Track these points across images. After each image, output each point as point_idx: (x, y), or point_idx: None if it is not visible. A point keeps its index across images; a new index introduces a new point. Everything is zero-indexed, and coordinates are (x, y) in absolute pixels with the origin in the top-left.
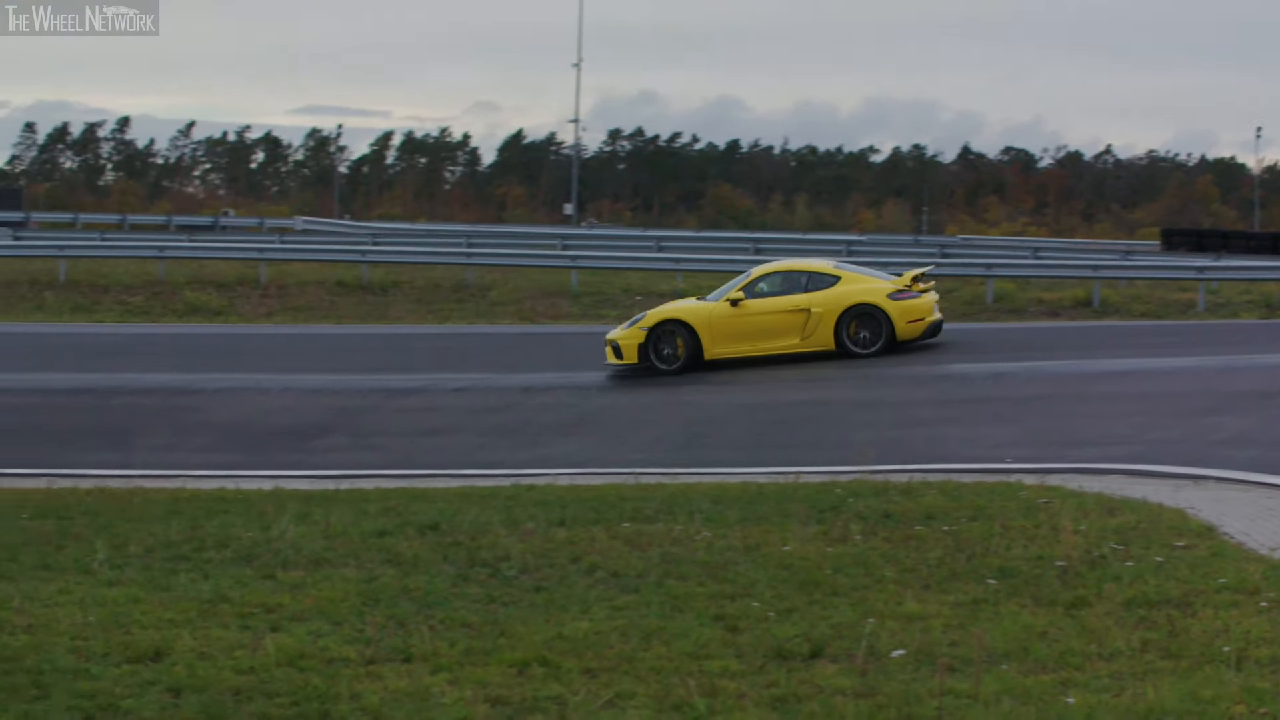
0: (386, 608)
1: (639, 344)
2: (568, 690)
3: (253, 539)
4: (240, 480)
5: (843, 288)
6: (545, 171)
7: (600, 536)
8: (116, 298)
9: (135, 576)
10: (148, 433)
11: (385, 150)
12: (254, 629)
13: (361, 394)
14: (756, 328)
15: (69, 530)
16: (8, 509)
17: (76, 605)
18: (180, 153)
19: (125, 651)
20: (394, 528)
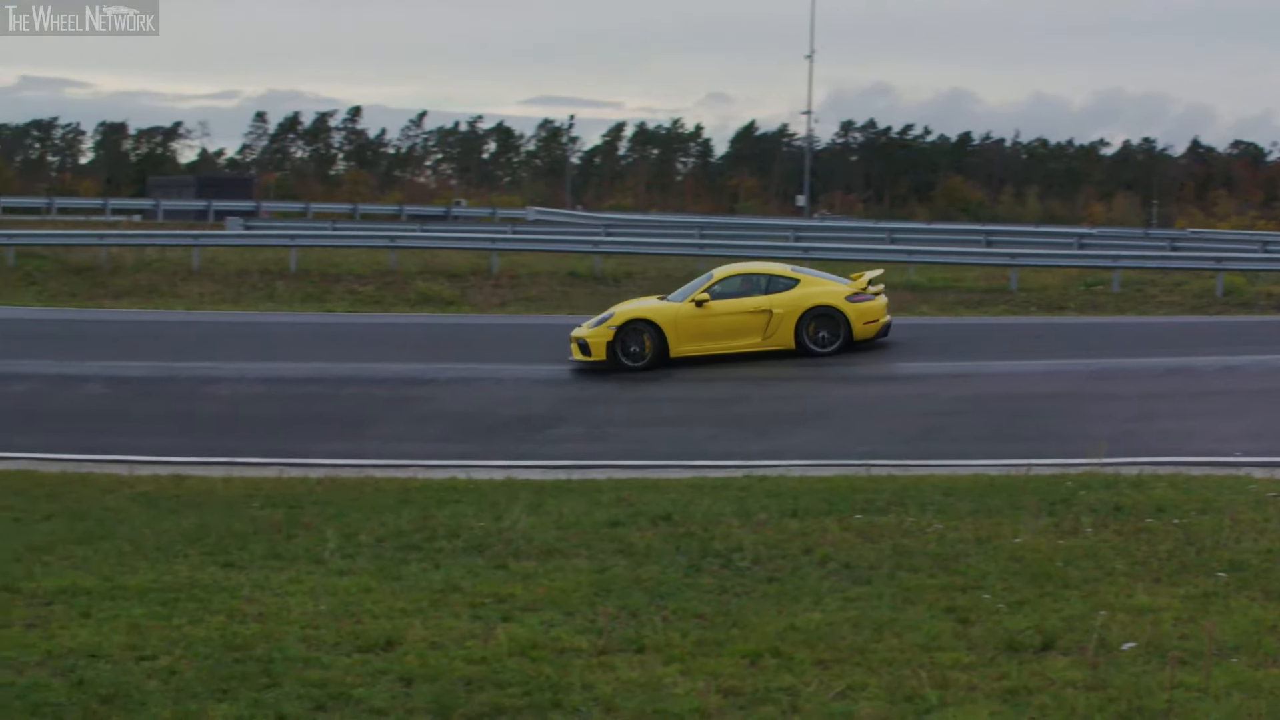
0: (619, 598)
1: (608, 342)
2: (800, 681)
3: (485, 529)
4: (472, 470)
5: (802, 290)
6: (777, 163)
7: (832, 528)
8: (347, 287)
9: (366, 566)
10: (379, 422)
11: (617, 141)
12: (486, 619)
13: (593, 384)
14: (720, 327)
15: (299, 519)
16: (239, 498)
17: (307, 594)
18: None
19: (356, 641)
20: (626, 518)
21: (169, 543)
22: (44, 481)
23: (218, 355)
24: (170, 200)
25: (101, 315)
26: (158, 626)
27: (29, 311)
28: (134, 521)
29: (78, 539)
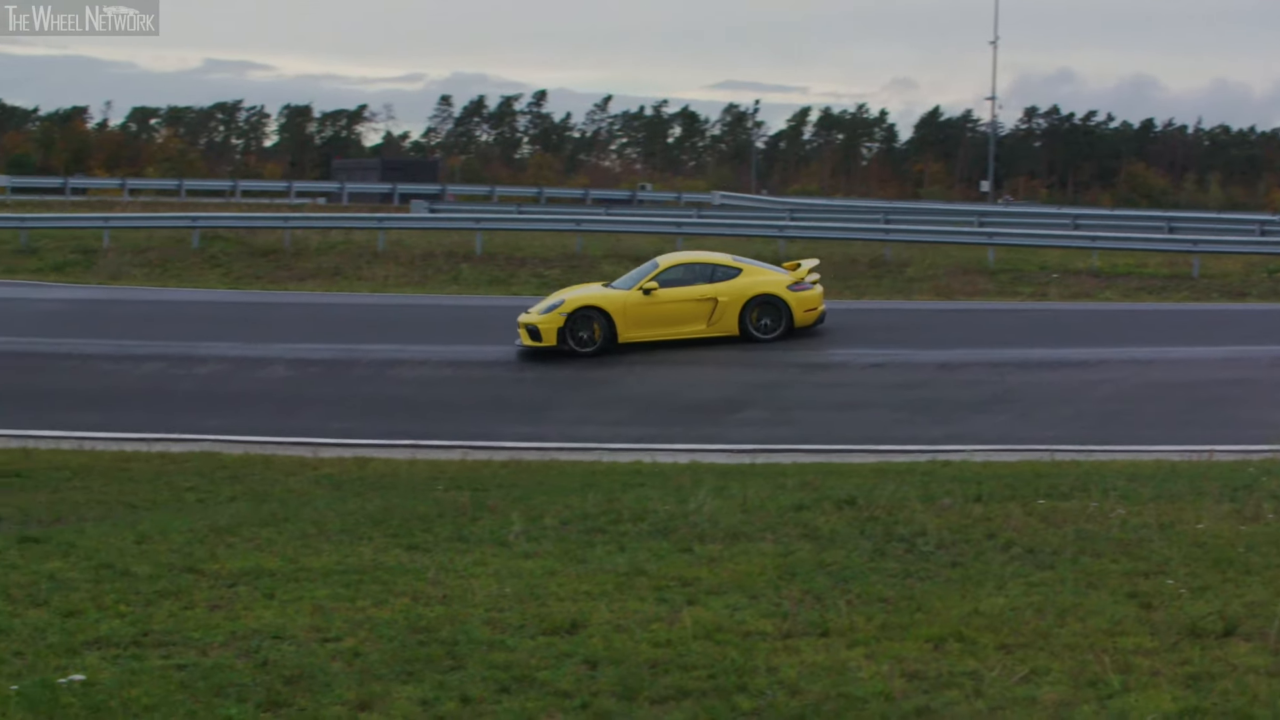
0: (803, 582)
1: (558, 328)
2: (983, 665)
3: (669, 512)
4: (656, 454)
5: (746, 279)
6: (961, 148)
7: (1015, 512)
8: (532, 270)
9: (551, 549)
10: (562, 405)
11: (802, 126)
12: (671, 602)
13: (778, 368)
14: (667, 314)
15: (484, 502)
16: (423, 480)
17: (492, 577)
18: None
19: (541, 623)
20: (811, 502)
21: (353, 525)
22: (228, 463)
23: (402, 338)
24: (355, 183)
25: (286, 298)
26: (342, 608)
27: (214, 294)
28: (318, 503)
29: (261, 521)
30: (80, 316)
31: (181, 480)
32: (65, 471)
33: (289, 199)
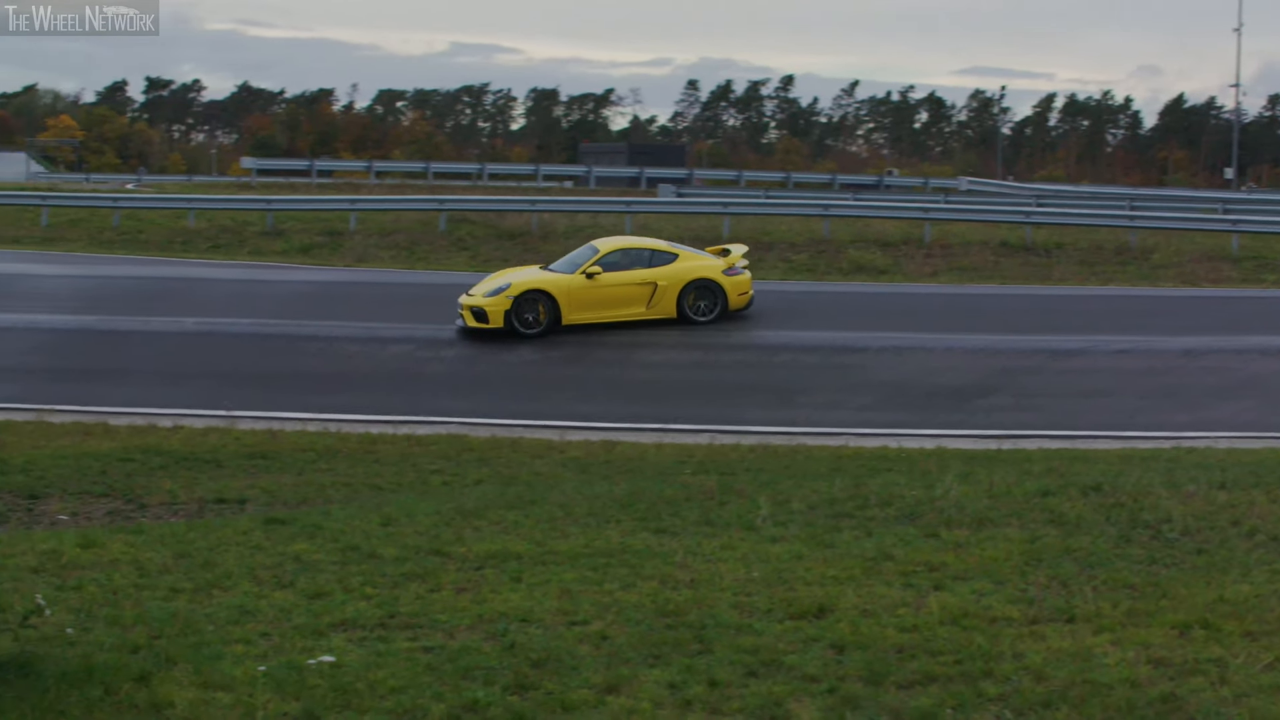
0: (1049, 568)
1: (505, 310)
2: (1228, 653)
3: (916, 497)
4: (902, 439)
5: (682, 264)
6: (1205, 136)
7: (1260, 500)
8: (780, 255)
9: (798, 533)
10: (810, 390)
11: (1047, 112)
12: (917, 587)
13: (1024, 355)
14: (609, 298)
15: (732, 486)
16: (670, 464)
17: (739, 561)
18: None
19: (788, 608)
20: (1056, 488)
21: (600, 508)
22: (474, 446)
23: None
24: (602, 167)
25: None
26: (589, 591)
27: (460, 276)
28: (565, 487)
29: (508, 504)
30: (326, 299)
31: (428, 463)
32: (311, 454)
33: (536, 182)
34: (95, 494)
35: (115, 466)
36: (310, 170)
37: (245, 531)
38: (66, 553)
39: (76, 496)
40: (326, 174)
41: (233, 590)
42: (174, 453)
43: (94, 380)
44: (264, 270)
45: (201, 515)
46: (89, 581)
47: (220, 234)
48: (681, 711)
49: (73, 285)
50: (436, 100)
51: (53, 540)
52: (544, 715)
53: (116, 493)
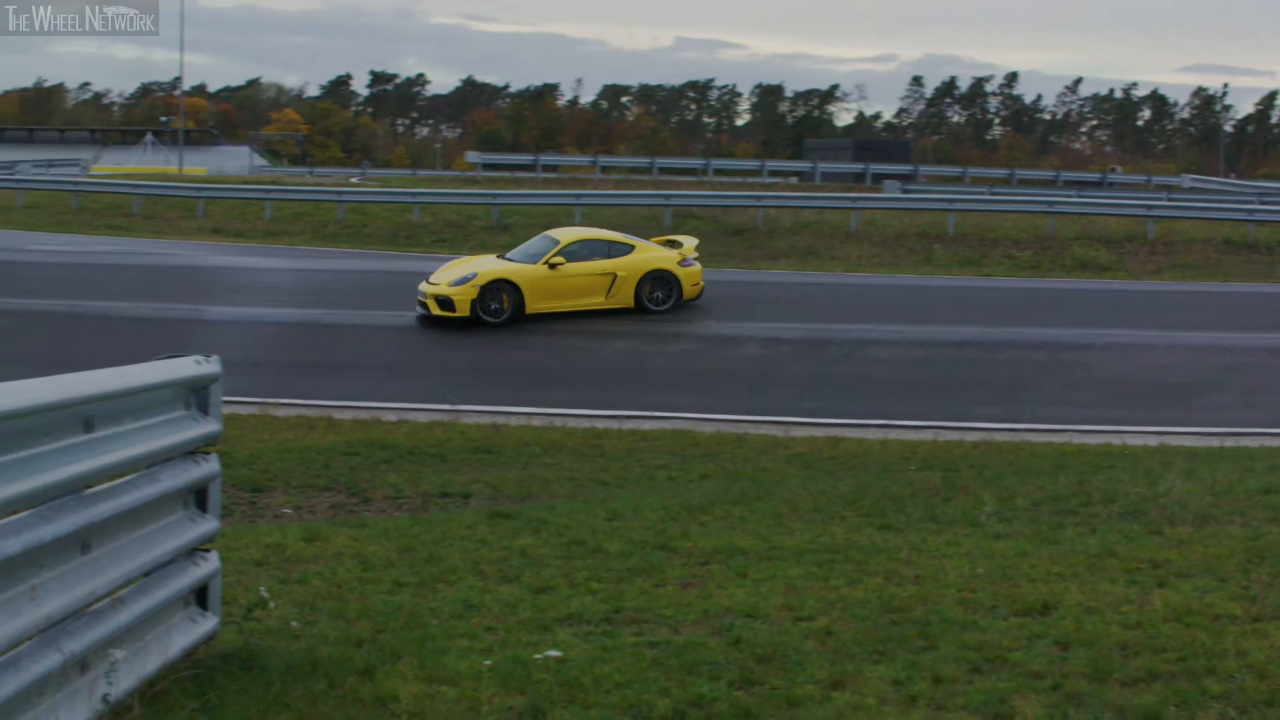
0: (1271, 565)
1: (472, 300)
2: None
3: (1139, 494)
4: (1125, 435)
5: (639, 255)
6: None
7: None
8: (1004, 252)
9: (1022, 530)
10: (1034, 387)
11: (1269, 110)
12: (1141, 584)
13: (1247, 352)
14: (570, 287)
15: (956, 482)
16: (895, 460)
17: (964, 557)
18: (1067, 109)
19: (1012, 604)
20: (1278, 486)
21: (825, 504)
22: (699, 441)
23: (875, 318)
24: (827, 163)
25: (758, 276)
26: (814, 587)
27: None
28: (790, 482)
29: (733, 499)
30: None
31: (652, 458)
32: (535, 448)
33: (761, 178)
34: (319, 487)
35: (339, 460)
36: (535, 165)
37: (470, 526)
38: (290, 546)
39: (300, 490)
40: (551, 169)
41: (457, 584)
42: (398, 446)
43: (318, 374)
44: None
45: (425, 509)
46: (313, 575)
47: (445, 229)
48: (905, 708)
49: (297, 279)
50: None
51: (277, 533)
52: (769, 711)
53: (340, 486)
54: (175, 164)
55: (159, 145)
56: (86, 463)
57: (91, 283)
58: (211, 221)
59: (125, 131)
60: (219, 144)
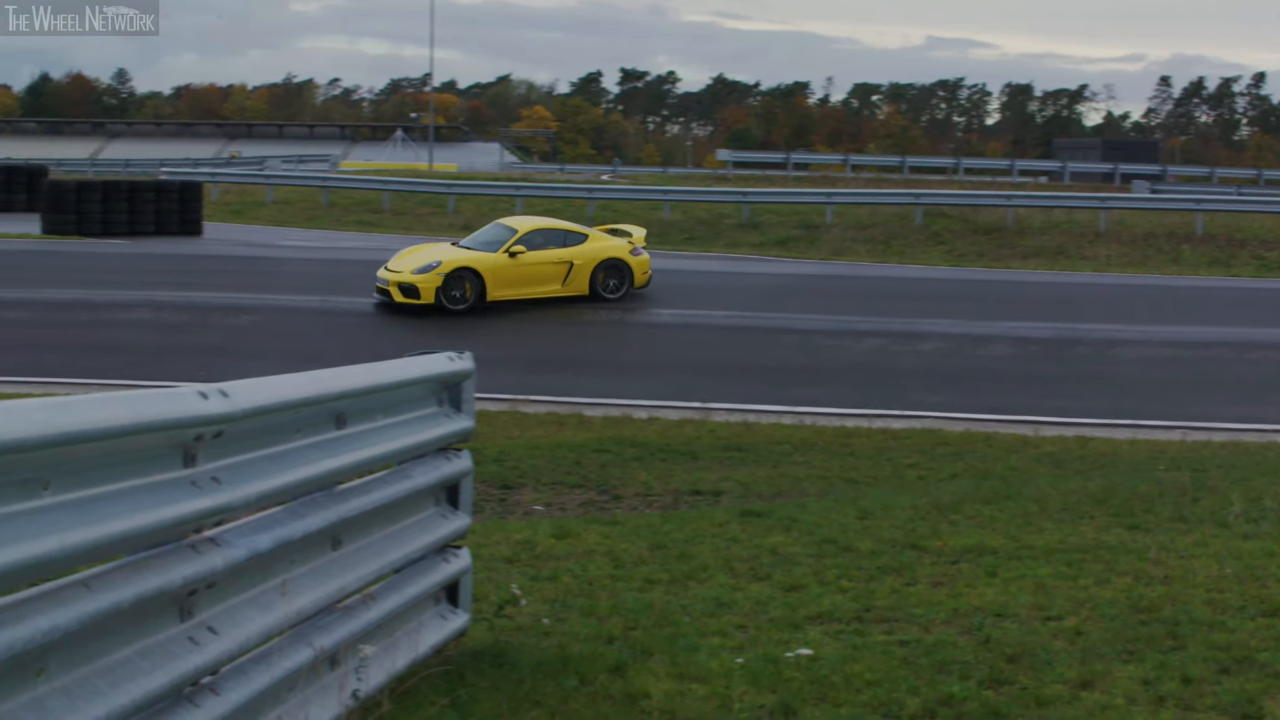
0: None
1: (437, 287)
2: None
3: None
4: None
5: (593, 244)
6: None
7: None
8: (1253, 252)
9: (1270, 530)
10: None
11: None
12: None
13: None
14: (529, 275)
15: (1204, 483)
16: (1143, 460)
17: (1212, 558)
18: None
19: (1261, 605)
20: None
21: (1074, 503)
22: (949, 440)
23: (1124, 318)
24: (1076, 163)
25: (1007, 276)
26: (1064, 587)
27: (935, 271)
28: (1039, 482)
29: (983, 498)
30: (801, 291)
31: (902, 457)
32: (786, 446)
33: (1011, 177)
34: (569, 484)
35: (589, 457)
36: (786, 163)
37: (721, 524)
38: (541, 543)
39: (550, 487)
40: (802, 167)
41: (708, 582)
42: (649, 444)
43: (569, 370)
44: (739, 262)
45: (676, 507)
46: (564, 572)
47: (696, 226)
48: (1154, 707)
49: None
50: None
51: (527, 530)
52: (1018, 710)
53: (590, 483)
54: (425, 160)
55: (409, 141)
56: (338, 459)
57: (341, 278)
58: (462, 218)
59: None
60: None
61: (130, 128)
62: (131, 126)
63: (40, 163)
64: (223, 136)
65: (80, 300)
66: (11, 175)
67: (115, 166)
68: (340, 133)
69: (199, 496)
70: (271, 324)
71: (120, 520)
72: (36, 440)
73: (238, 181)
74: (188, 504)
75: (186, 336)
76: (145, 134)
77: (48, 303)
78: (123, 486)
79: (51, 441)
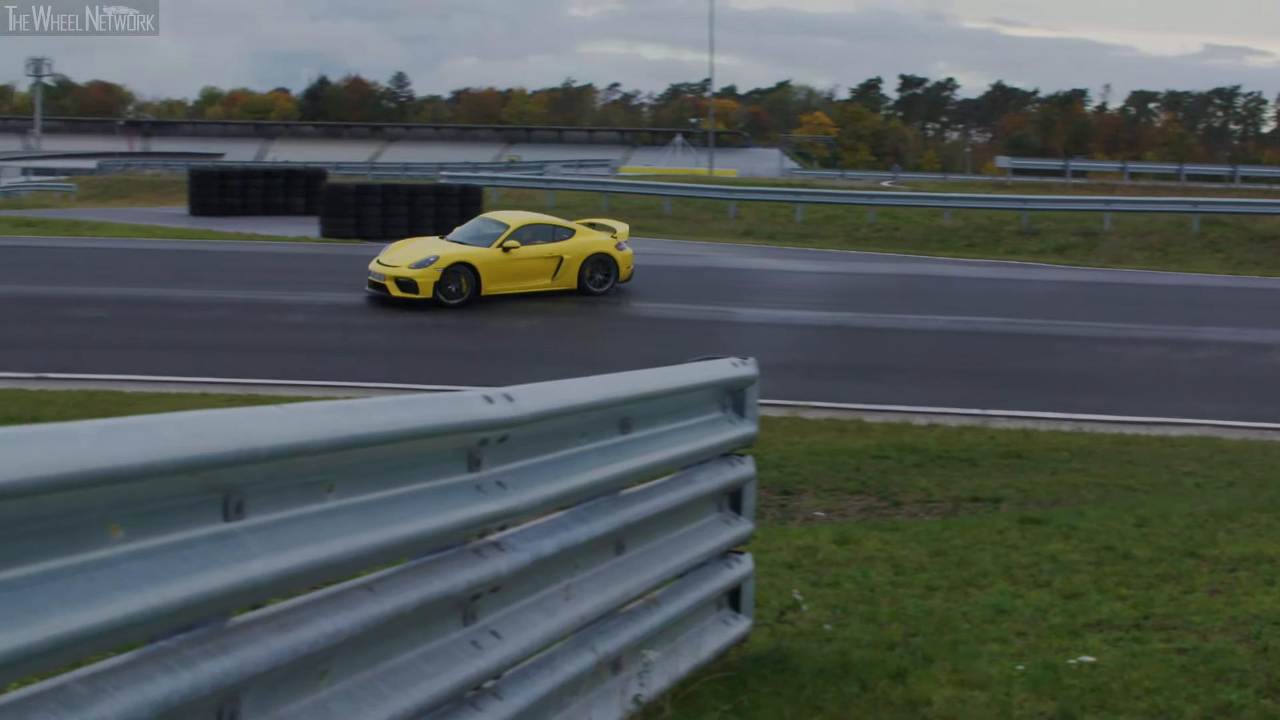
0: None
1: (434, 282)
2: None
3: None
4: None
5: (580, 239)
6: None
7: None
8: None
9: None
10: None
11: None
12: None
13: None
14: (521, 270)
15: None
16: None
17: None
18: None
19: None
20: None
21: None
22: (1226, 448)
23: None
24: None
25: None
26: None
27: (1212, 279)
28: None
29: (1260, 506)
30: (1078, 299)
31: (1180, 464)
32: (1064, 453)
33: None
34: (849, 490)
35: (869, 463)
36: (1064, 170)
37: (1000, 530)
38: (822, 549)
39: (830, 493)
40: (1080, 174)
41: (988, 589)
42: (928, 450)
43: (848, 376)
44: (1017, 269)
45: (955, 513)
46: (845, 578)
47: (975, 233)
48: None
49: (827, 281)
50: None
51: (808, 536)
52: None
53: (870, 489)
54: (705, 165)
55: (688, 147)
56: (623, 464)
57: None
58: (742, 224)
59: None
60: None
61: (409, 131)
62: (410, 130)
63: (319, 166)
64: (501, 141)
65: (355, 304)
66: (291, 179)
67: (394, 170)
68: (619, 137)
69: (484, 501)
70: (550, 327)
71: (405, 524)
72: (322, 443)
73: (517, 186)
74: (473, 508)
75: (463, 339)
76: (424, 138)
77: (323, 306)
78: (407, 490)
79: (336, 444)
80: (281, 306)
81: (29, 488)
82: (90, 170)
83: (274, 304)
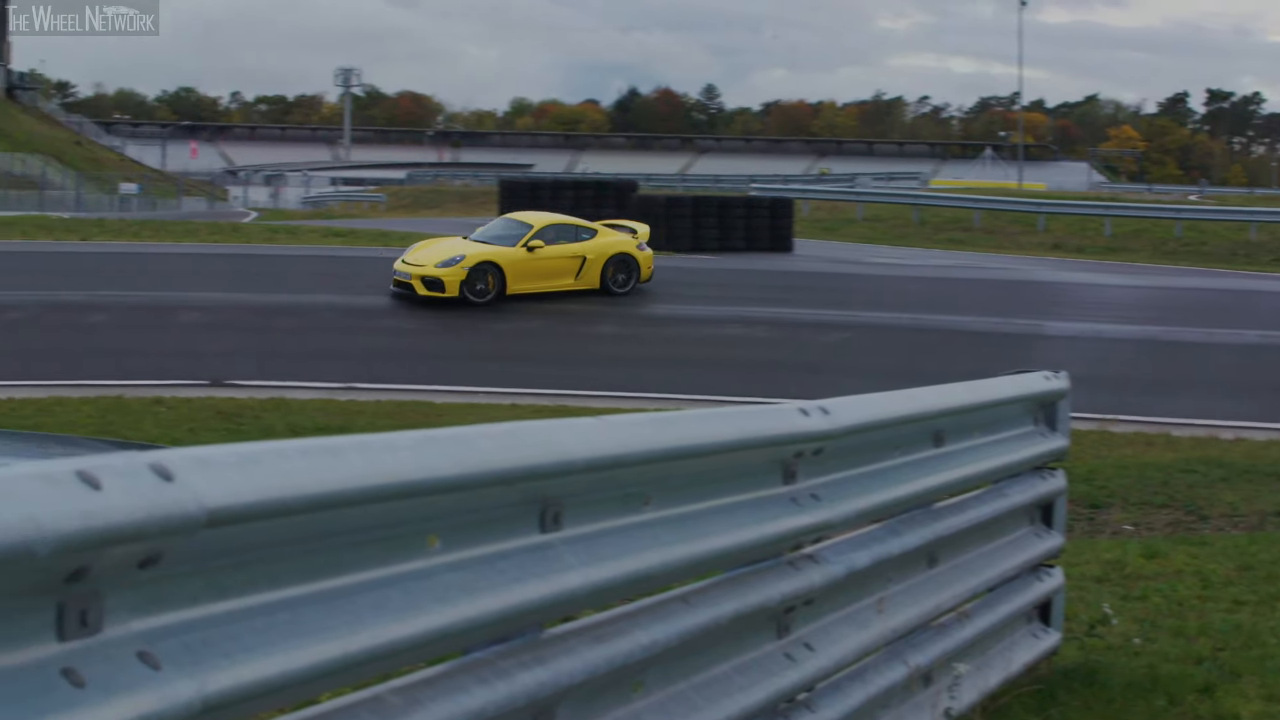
0: None
1: (461, 281)
2: None
3: None
4: None
5: (602, 239)
6: None
7: None
8: None
9: None
10: None
11: None
12: None
13: None
14: (546, 269)
15: None
16: None
17: None
18: None
19: None
20: None
21: None
22: None
23: None
24: None
25: None
26: None
27: None
28: None
29: None
30: None
31: None
32: None
33: None
34: (1155, 504)
35: (1176, 477)
36: None
37: None
38: (1130, 563)
39: (1138, 507)
40: None
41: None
42: (1235, 465)
43: (1156, 391)
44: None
45: (1262, 528)
46: (1153, 592)
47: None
48: None
49: (1135, 295)
50: None
51: (1116, 550)
52: None
53: (1177, 503)
54: (1014, 179)
55: (997, 160)
56: (936, 477)
57: (933, 296)
58: (1051, 237)
59: (964, 146)
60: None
61: (719, 143)
62: (720, 142)
63: (629, 177)
64: (812, 153)
65: (673, 315)
66: (602, 190)
67: (704, 182)
68: (929, 150)
69: (799, 513)
70: (862, 341)
71: (720, 536)
72: (640, 455)
73: (828, 198)
74: (788, 521)
75: (780, 352)
76: (734, 150)
77: (643, 317)
78: (722, 503)
79: (656, 456)
80: (589, 316)
81: (350, 498)
82: (399, 180)
83: (581, 314)
